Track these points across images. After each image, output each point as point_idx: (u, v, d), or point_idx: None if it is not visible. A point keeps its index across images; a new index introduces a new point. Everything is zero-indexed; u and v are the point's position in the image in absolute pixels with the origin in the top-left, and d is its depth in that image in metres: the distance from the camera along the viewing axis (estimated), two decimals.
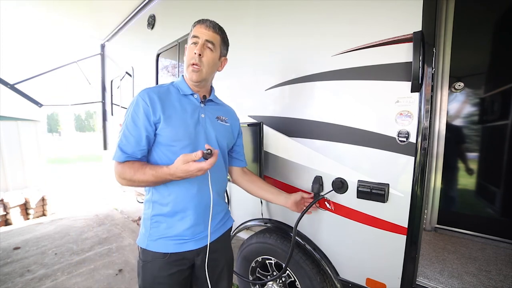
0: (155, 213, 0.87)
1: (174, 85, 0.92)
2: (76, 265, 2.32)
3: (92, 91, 4.12)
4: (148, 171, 0.79)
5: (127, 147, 0.81)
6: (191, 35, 0.88)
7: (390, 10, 0.96)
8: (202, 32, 0.86)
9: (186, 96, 0.91)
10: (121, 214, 3.81)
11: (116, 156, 0.81)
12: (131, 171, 0.79)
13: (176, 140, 0.84)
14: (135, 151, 0.82)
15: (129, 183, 0.81)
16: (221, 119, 0.99)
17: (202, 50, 0.86)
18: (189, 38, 0.88)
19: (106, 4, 2.86)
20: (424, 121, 0.90)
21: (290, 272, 1.34)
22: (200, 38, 0.86)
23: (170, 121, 0.83)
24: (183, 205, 0.86)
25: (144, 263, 0.87)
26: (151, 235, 0.87)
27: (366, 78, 1.03)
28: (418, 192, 0.92)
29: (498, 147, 1.59)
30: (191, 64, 0.86)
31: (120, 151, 0.81)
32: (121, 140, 0.82)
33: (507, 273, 1.24)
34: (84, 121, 76.91)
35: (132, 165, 0.80)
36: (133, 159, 0.82)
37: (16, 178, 4.03)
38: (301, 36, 1.27)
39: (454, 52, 1.62)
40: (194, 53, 0.85)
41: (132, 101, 0.85)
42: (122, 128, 0.83)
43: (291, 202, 1.10)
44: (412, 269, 0.98)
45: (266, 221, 1.50)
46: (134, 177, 0.79)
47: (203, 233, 0.90)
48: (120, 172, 0.80)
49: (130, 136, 0.81)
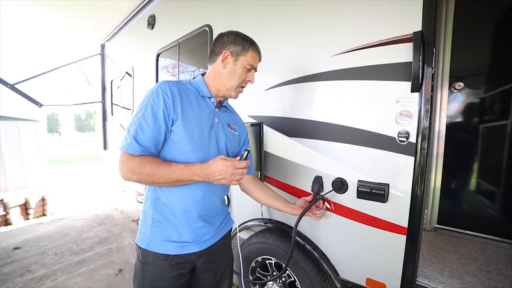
0: (157, 213, 0.84)
1: (193, 84, 0.90)
2: (76, 265, 2.32)
3: (92, 91, 4.12)
4: (175, 166, 0.76)
5: (143, 140, 0.75)
6: (247, 57, 0.89)
7: (390, 10, 0.96)
8: (257, 63, 0.95)
9: (204, 98, 0.90)
10: (121, 214, 3.81)
11: (130, 148, 0.74)
12: (152, 166, 0.74)
13: (189, 141, 0.81)
14: (151, 145, 0.77)
15: (144, 178, 0.75)
16: (231, 127, 0.98)
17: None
18: (243, 57, 0.89)
19: (106, 4, 2.86)
20: (424, 121, 0.89)
21: (290, 272, 1.34)
22: (255, 68, 0.94)
23: (187, 120, 0.80)
24: (187, 207, 0.85)
25: (144, 266, 0.84)
26: (153, 234, 0.84)
27: (366, 78, 1.03)
28: (418, 192, 0.92)
29: (498, 147, 1.59)
30: (241, 87, 0.94)
31: (136, 143, 0.74)
32: (136, 131, 0.75)
33: (507, 273, 1.24)
34: (84, 121, 76.93)
35: (152, 159, 0.76)
36: (148, 154, 0.77)
37: (16, 178, 4.03)
38: (301, 36, 1.27)
39: (454, 52, 1.62)
40: (249, 80, 0.93)
41: (151, 91, 0.79)
42: (138, 119, 0.77)
43: (297, 208, 1.11)
44: (412, 269, 0.98)
45: (266, 221, 1.49)
46: (155, 172, 0.74)
47: (205, 236, 0.89)
48: (134, 166, 0.74)
49: (148, 128, 0.75)
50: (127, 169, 0.74)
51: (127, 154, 0.75)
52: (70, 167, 9.40)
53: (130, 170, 0.74)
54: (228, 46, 0.88)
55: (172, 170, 0.76)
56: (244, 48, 0.89)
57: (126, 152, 0.74)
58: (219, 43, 0.90)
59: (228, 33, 0.91)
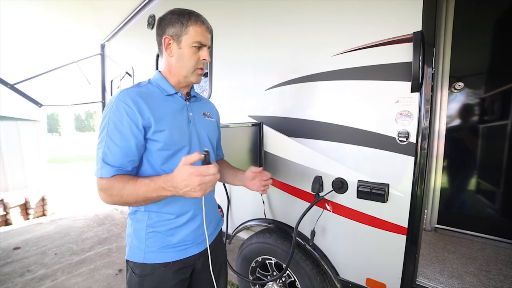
0: (151, 222, 0.78)
1: (153, 84, 0.82)
2: (76, 265, 2.32)
3: (92, 91, 4.12)
4: (140, 181, 0.68)
5: (113, 160, 0.69)
6: (190, 35, 0.77)
7: (390, 10, 0.96)
8: (207, 37, 0.81)
9: (171, 96, 0.83)
10: (121, 214, 3.81)
11: (102, 172, 0.68)
12: (119, 185, 0.68)
13: (171, 144, 0.76)
14: (124, 163, 0.70)
15: (117, 199, 0.69)
16: (207, 115, 0.94)
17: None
18: (185, 36, 0.77)
19: (106, 4, 2.86)
20: (424, 121, 0.90)
21: (290, 272, 1.34)
22: (206, 45, 0.81)
23: (162, 122, 0.74)
24: (186, 209, 0.82)
25: (142, 278, 0.78)
26: (148, 246, 0.78)
27: (366, 78, 1.03)
28: (418, 192, 0.92)
29: (498, 147, 1.59)
30: (200, 69, 0.82)
31: (106, 165, 0.68)
32: (104, 153, 0.69)
33: (507, 273, 1.24)
34: (84, 121, 76.93)
35: (121, 178, 0.69)
36: (123, 173, 0.71)
37: (16, 178, 4.03)
38: (301, 36, 1.27)
39: (454, 52, 1.62)
40: (203, 59, 0.81)
41: (109, 106, 0.71)
42: (102, 139, 0.70)
43: (246, 181, 1.02)
44: (412, 269, 0.98)
45: (266, 221, 1.49)
46: (122, 191, 0.67)
47: (202, 236, 0.88)
48: (107, 188, 0.68)
49: (115, 146, 0.69)
50: (102, 194, 0.70)
51: (100, 179, 0.69)
52: (70, 167, 9.39)
53: (105, 194, 0.69)
54: (166, 30, 0.78)
55: (137, 187, 0.67)
56: (183, 25, 0.76)
57: (100, 177, 0.69)
58: (158, 31, 0.81)
59: (164, 16, 0.80)
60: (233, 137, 1.48)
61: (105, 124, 0.70)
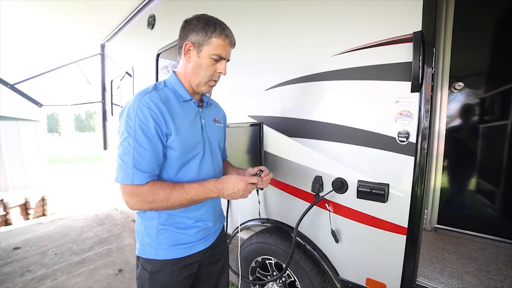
0: (162, 220, 0.80)
1: (169, 88, 0.81)
2: (76, 265, 2.32)
3: (92, 91, 4.12)
4: (188, 186, 0.73)
5: (145, 165, 0.70)
6: (212, 46, 0.76)
7: (390, 10, 0.96)
8: (228, 51, 0.81)
9: (186, 102, 0.83)
10: (121, 214, 3.81)
11: (134, 178, 0.68)
12: (165, 191, 0.71)
13: (187, 152, 0.78)
14: (154, 167, 0.72)
15: (158, 205, 0.71)
16: (216, 121, 0.95)
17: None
18: (207, 46, 0.76)
19: (106, 4, 2.86)
20: (424, 121, 0.90)
21: (290, 272, 1.34)
22: (226, 58, 0.81)
23: (180, 131, 0.75)
24: (205, 216, 0.87)
25: (152, 274, 0.80)
26: (159, 243, 0.79)
27: (366, 78, 1.03)
28: (418, 192, 0.92)
29: (498, 147, 1.59)
30: (213, 81, 0.83)
31: (139, 172, 0.69)
32: (135, 159, 0.69)
33: (507, 273, 1.24)
34: (84, 121, 76.97)
35: (162, 184, 0.72)
36: (155, 178, 0.73)
37: (16, 178, 4.03)
38: (301, 36, 1.27)
39: (454, 52, 1.62)
40: (219, 72, 0.81)
41: (133, 111, 0.70)
42: (130, 146, 0.69)
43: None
44: (412, 269, 0.98)
45: (266, 221, 1.49)
46: (170, 197, 0.71)
47: (210, 233, 0.91)
48: (145, 196, 0.70)
49: (145, 151, 0.69)
50: (137, 200, 0.70)
51: (132, 186, 0.69)
52: (70, 167, 9.40)
53: (142, 200, 0.70)
54: (189, 36, 0.77)
55: (186, 192, 0.73)
56: (207, 36, 0.76)
57: (131, 184, 0.69)
58: (181, 33, 0.81)
59: (190, 20, 0.79)
60: (233, 137, 1.48)
61: (132, 130, 0.69)
